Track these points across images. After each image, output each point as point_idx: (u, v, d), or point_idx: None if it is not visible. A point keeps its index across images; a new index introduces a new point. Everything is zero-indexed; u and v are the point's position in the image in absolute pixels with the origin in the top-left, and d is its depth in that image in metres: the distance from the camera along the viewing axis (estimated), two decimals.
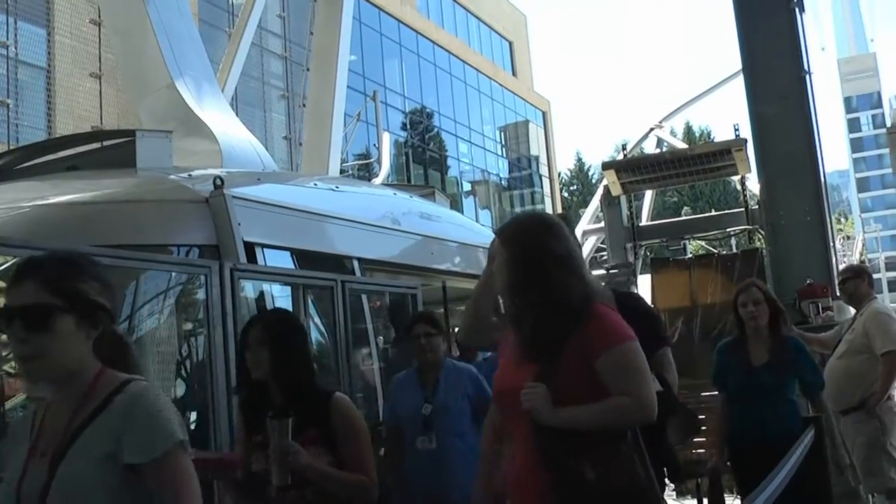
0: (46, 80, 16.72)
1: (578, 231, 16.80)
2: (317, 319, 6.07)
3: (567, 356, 2.69)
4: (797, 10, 10.20)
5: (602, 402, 2.66)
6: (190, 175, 6.14)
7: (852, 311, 6.96)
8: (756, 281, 5.71)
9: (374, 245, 7.13)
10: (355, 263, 6.70)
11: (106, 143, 7.42)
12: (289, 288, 5.93)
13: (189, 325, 5.53)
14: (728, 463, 5.35)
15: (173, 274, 5.27)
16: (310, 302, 5.92)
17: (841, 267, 9.00)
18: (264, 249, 5.67)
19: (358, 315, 6.41)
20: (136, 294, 5.27)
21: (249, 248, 5.52)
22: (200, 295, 5.04)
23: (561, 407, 2.67)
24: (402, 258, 7.60)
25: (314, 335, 5.98)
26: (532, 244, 2.84)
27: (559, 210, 42.04)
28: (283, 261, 5.96)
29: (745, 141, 11.64)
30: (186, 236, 5.58)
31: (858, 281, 6.69)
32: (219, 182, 5.46)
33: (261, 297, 5.74)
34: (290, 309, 5.62)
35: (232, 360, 4.68)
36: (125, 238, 5.11)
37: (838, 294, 7.71)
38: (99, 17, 15.29)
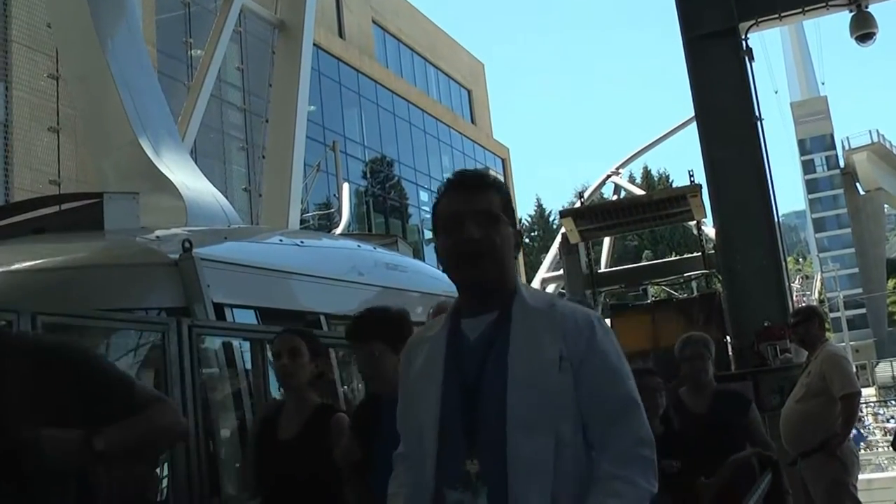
0: (4, 134, 16.62)
1: (538, 279, 16.94)
2: None
3: None
4: (746, 58, 10.46)
5: None
6: (157, 237, 6.17)
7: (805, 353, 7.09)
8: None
9: (340, 299, 7.19)
10: (322, 318, 6.75)
11: (73, 205, 7.40)
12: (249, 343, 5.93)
13: (148, 384, 5.53)
14: None
15: (132, 333, 5.28)
16: (269, 357, 5.95)
17: (793, 309, 9.12)
18: (233, 310, 5.70)
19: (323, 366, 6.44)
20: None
21: (219, 309, 5.56)
22: (160, 354, 5.05)
23: None
24: None
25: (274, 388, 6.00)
26: None
27: (521, 256, 42.31)
28: (253, 321, 5.99)
29: (700, 187, 11.81)
30: (156, 300, 5.61)
31: (809, 324, 6.75)
32: (188, 245, 5.51)
33: (223, 353, 5.74)
34: (251, 365, 5.66)
35: (191, 418, 4.72)
36: (95, 303, 5.13)
37: (790, 337, 7.84)
38: (57, 71, 15.29)
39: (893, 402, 39.87)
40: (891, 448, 15.26)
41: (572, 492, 2.27)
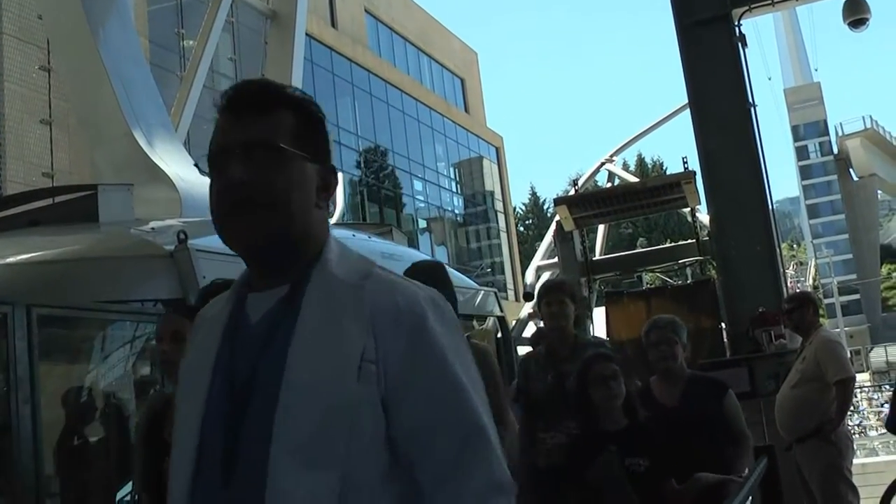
0: None
1: (532, 266, 16.96)
2: None
3: None
4: (740, 44, 10.46)
5: None
6: (152, 228, 6.18)
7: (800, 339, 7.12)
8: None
9: None
10: None
11: (66, 197, 7.40)
12: None
13: (144, 375, 5.55)
14: None
15: (128, 325, 5.30)
16: None
17: (787, 296, 9.14)
18: None
19: None
20: (92, 346, 5.29)
21: None
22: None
23: None
24: None
25: None
26: None
27: (515, 245, 42.37)
28: None
29: (694, 173, 11.82)
30: (151, 291, 5.62)
31: (803, 310, 6.76)
32: (182, 236, 5.51)
33: None
34: None
35: None
36: (91, 295, 5.15)
37: (785, 323, 7.87)
38: (49, 63, 15.26)
39: (888, 386, 40.04)
40: (885, 431, 15.30)
41: None
